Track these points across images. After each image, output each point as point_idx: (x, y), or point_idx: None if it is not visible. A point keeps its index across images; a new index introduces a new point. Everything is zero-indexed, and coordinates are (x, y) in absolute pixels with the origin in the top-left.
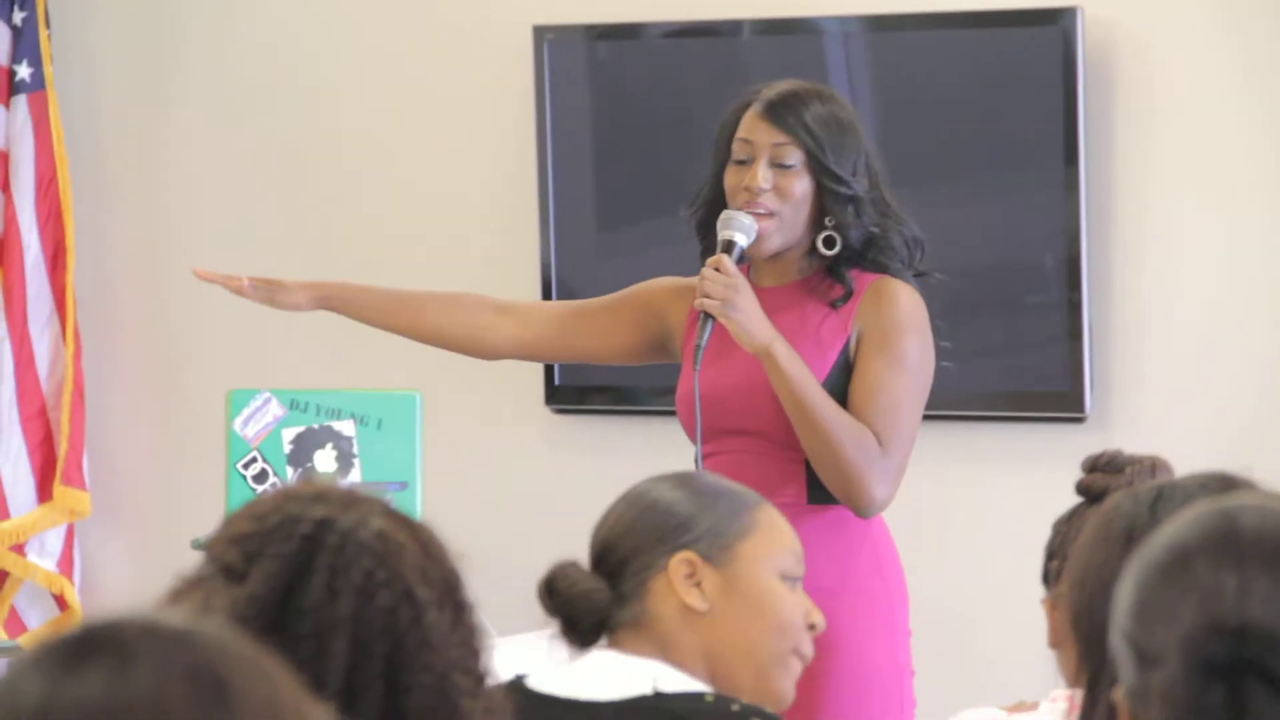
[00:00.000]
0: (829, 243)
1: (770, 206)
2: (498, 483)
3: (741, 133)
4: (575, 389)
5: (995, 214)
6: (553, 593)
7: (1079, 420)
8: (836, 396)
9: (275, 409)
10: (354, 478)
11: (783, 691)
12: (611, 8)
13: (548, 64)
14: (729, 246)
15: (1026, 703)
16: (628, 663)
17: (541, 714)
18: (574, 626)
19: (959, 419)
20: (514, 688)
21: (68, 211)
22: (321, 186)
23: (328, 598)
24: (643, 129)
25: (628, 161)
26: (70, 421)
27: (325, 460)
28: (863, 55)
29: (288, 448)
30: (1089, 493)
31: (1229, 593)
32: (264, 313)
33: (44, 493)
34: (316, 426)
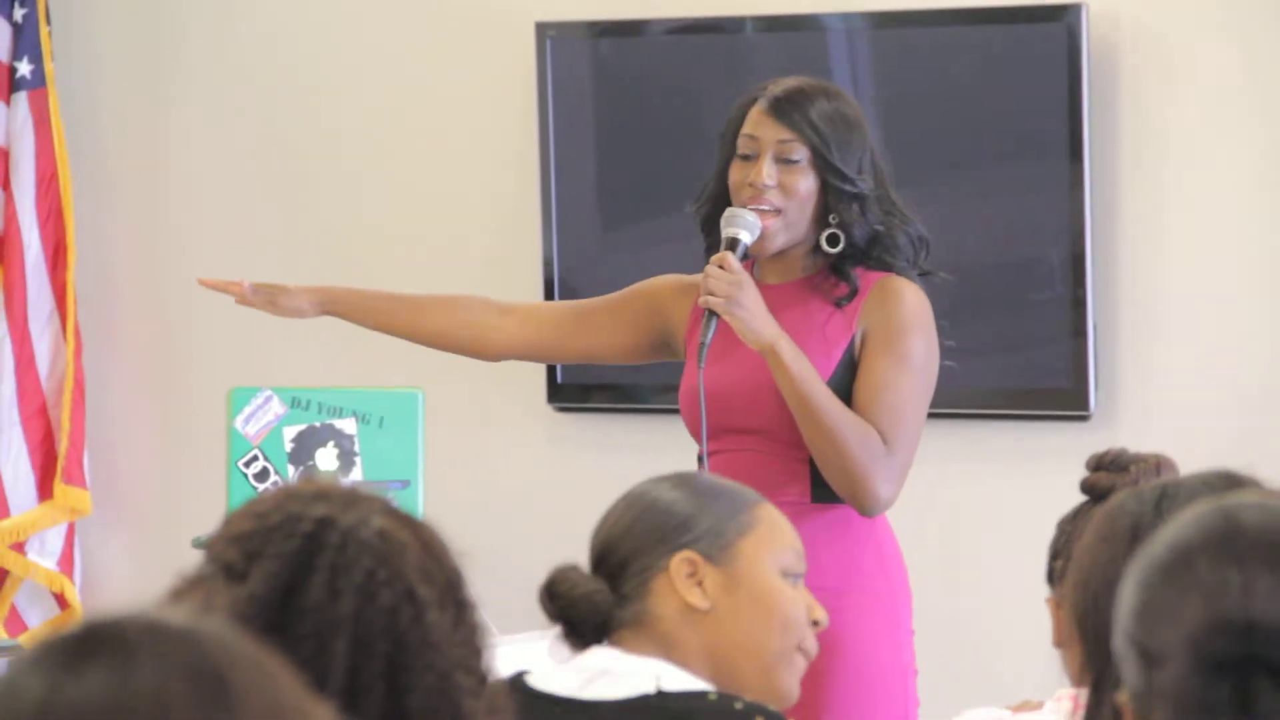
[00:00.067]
0: (833, 240)
1: (775, 203)
2: (500, 481)
3: (747, 128)
4: (578, 387)
5: (999, 210)
6: (553, 596)
7: (1083, 418)
8: (841, 395)
9: (276, 407)
10: (355, 476)
11: (787, 689)
12: (614, 4)
13: (550, 61)
14: (733, 243)
15: (1031, 702)
16: (630, 662)
17: (543, 714)
18: (576, 629)
19: (962, 417)
20: (515, 686)
21: (68, 209)
22: (323, 183)
23: (329, 597)
24: (646, 126)
25: (630, 159)
26: (71, 419)
27: (327, 459)
28: (866, 52)
29: (289, 446)
30: (1094, 491)
31: (1233, 590)
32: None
33: (44, 491)
34: (318, 425)
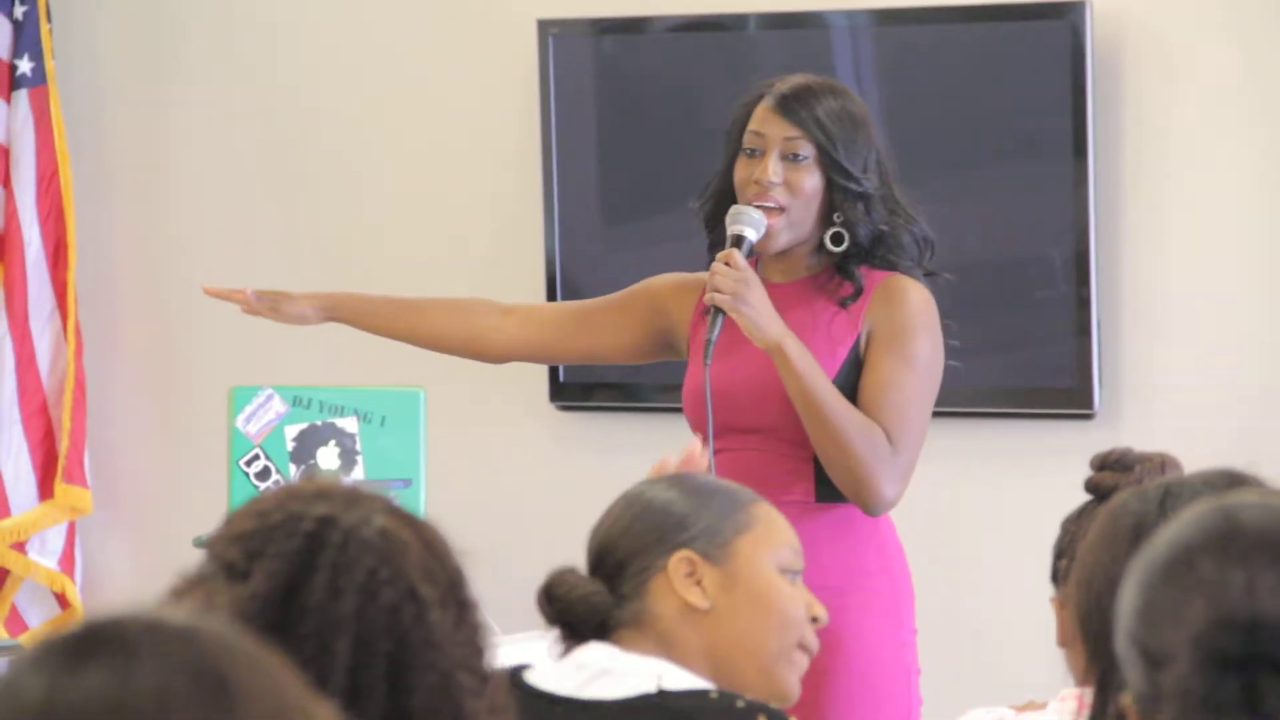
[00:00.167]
0: (837, 239)
1: (780, 201)
2: (502, 480)
3: (753, 125)
4: (580, 385)
5: (1003, 209)
6: (552, 599)
7: (1087, 417)
8: (846, 394)
9: (278, 406)
10: (357, 475)
11: (788, 686)
12: (616, 2)
13: (552, 58)
14: (739, 241)
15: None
16: (631, 661)
17: (543, 713)
18: (575, 631)
19: (966, 415)
20: (514, 683)
21: (69, 207)
22: (324, 182)
23: (330, 596)
24: (648, 124)
25: (633, 157)
26: (71, 418)
27: (328, 457)
28: (869, 49)
29: (290, 445)
30: (1098, 491)
31: (1237, 588)
32: None
33: (45, 490)
34: (319, 423)
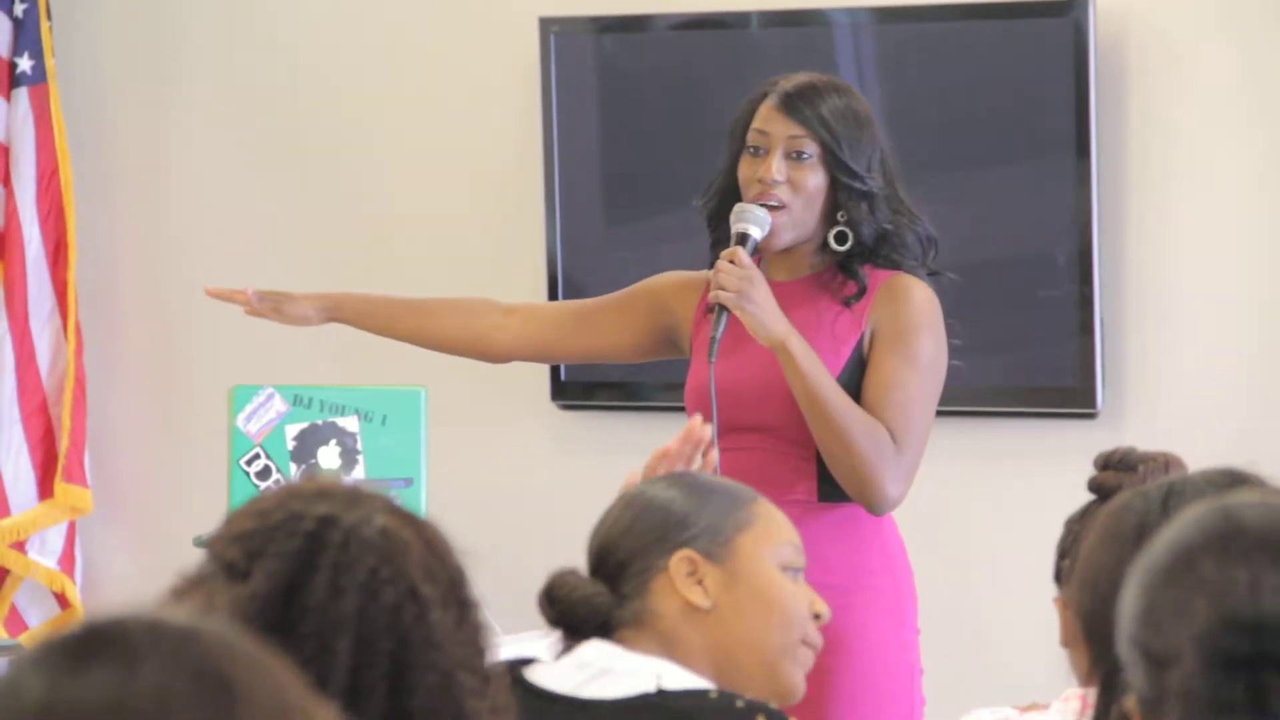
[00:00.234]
0: (840, 238)
1: (783, 199)
2: (503, 479)
3: (757, 123)
4: (581, 385)
5: (1006, 207)
6: (553, 600)
7: (1090, 416)
8: (850, 393)
9: (278, 405)
10: (358, 474)
11: (793, 683)
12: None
13: (554, 56)
14: (743, 239)
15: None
16: (631, 660)
17: (542, 712)
18: (576, 632)
19: (969, 414)
20: (515, 681)
21: (69, 206)
22: (325, 179)
23: (331, 596)
24: (650, 122)
25: (635, 155)
26: (72, 417)
27: (329, 457)
28: (872, 47)
29: (291, 444)
30: (1102, 490)
31: (1240, 587)
32: None
33: (45, 489)
34: (320, 423)
